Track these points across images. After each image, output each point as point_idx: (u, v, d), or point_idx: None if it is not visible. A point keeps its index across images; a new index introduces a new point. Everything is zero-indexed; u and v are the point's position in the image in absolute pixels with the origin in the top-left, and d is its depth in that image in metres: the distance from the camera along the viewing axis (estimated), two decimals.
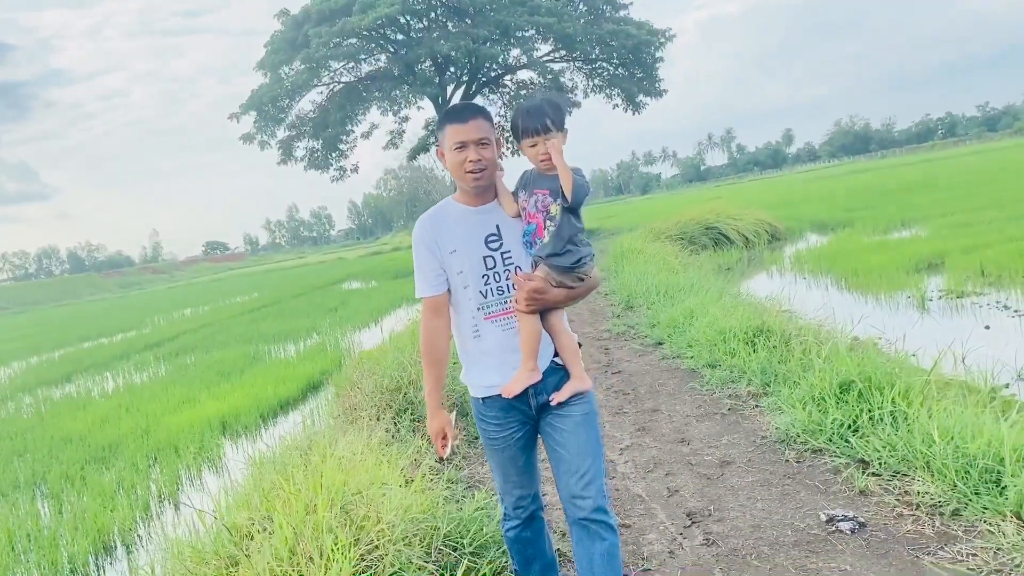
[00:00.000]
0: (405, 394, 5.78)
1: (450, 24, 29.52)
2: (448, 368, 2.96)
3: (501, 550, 3.41)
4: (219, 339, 17.40)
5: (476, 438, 5.70)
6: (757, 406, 5.62)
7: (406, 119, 33.32)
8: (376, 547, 2.89)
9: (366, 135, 33.03)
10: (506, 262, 2.64)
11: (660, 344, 8.43)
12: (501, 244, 2.65)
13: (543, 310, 2.60)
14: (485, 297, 2.64)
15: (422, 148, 35.67)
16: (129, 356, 17.57)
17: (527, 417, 2.73)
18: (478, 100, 32.64)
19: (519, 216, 2.66)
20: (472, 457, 5.39)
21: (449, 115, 2.65)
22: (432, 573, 3.03)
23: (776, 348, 6.50)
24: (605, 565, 2.61)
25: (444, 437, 2.77)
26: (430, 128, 33.88)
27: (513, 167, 2.80)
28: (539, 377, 2.64)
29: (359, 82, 30.19)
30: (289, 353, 13.73)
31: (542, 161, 2.57)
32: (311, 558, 2.66)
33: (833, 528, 3.59)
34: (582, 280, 2.63)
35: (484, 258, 2.63)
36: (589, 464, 2.65)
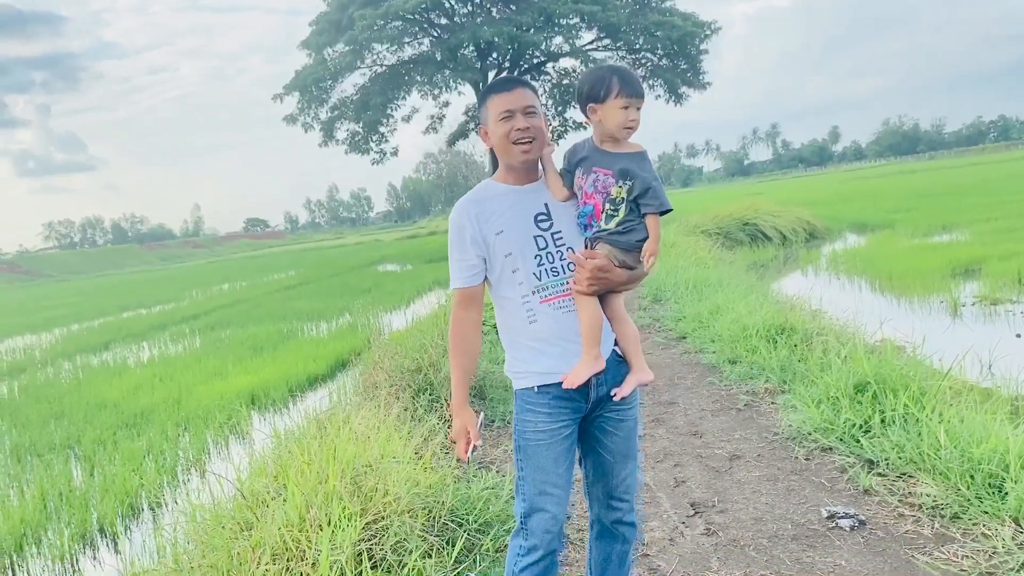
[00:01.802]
0: (425, 375, 5.92)
1: (494, 10, 29.55)
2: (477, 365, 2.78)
3: (505, 528, 3.52)
4: (254, 315, 17.69)
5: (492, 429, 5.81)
6: (773, 403, 5.66)
7: (447, 104, 33.50)
8: (382, 517, 3.01)
9: (406, 119, 33.26)
10: (557, 242, 2.44)
11: (683, 338, 8.47)
12: (551, 224, 2.45)
13: (604, 292, 2.42)
14: (539, 279, 2.43)
15: (461, 133, 35.81)
16: (166, 327, 17.97)
17: (578, 412, 2.49)
18: None
19: (568, 201, 2.47)
20: (486, 437, 5.51)
21: (492, 87, 2.50)
22: (433, 545, 3.15)
23: (797, 347, 6.52)
24: (619, 564, 2.63)
25: (468, 438, 2.54)
26: (470, 114, 33.98)
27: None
28: (603, 366, 2.42)
29: (401, 65, 30.38)
30: (321, 331, 13.96)
31: (627, 127, 2.36)
32: (320, 526, 2.78)
33: (833, 524, 3.65)
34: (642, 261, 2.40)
35: (535, 238, 2.43)
36: (631, 468, 2.58)
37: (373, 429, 3.94)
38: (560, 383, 2.41)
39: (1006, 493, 3.44)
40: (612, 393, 2.47)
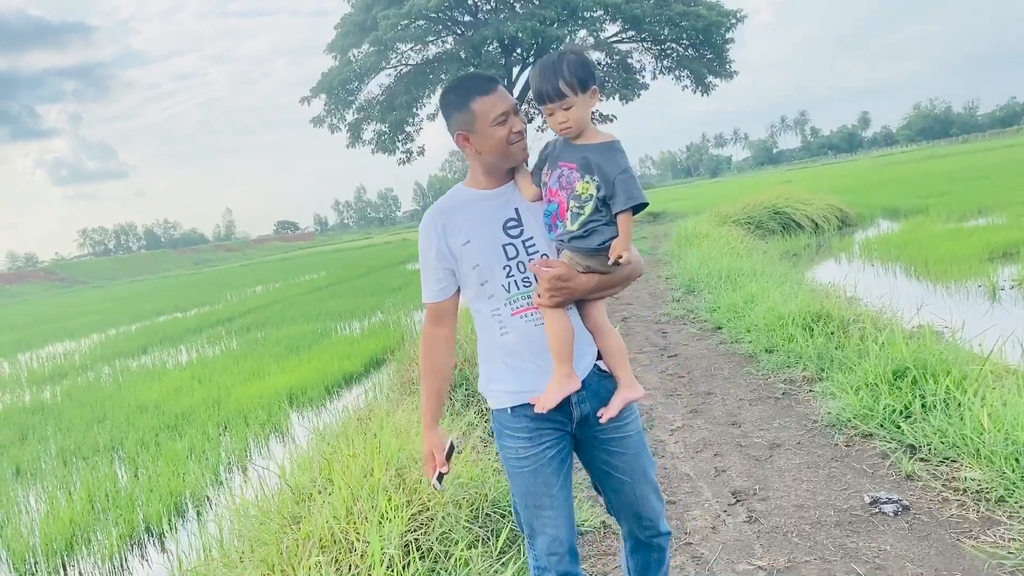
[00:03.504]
0: (460, 370, 5.98)
1: (517, 5, 29.57)
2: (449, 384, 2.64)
3: None
4: (288, 315, 17.90)
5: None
6: (811, 391, 5.63)
7: None
8: (427, 508, 3.06)
9: (431, 117, 33.39)
10: (529, 250, 2.28)
11: (719, 329, 8.44)
12: (522, 230, 2.29)
13: (573, 302, 2.25)
14: (508, 291, 2.27)
15: None
16: (202, 330, 18.24)
17: (563, 430, 2.32)
18: None
19: (538, 201, 2.31)
20: None
21: (468, 88, 2.28)
22: (478, 536, 3.19)
23: (834, 334, 6.47)
24: (658, 566, 2.54)
25: (434, 463, 2.42)
26: None
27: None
28: (577, 385, 2.24)
29: (426, 64, 30.51)
30: (354, 330, 14.10)
31: (562, 131, 2.21)
32: (367, 517, 2.83)
33: (876, 510, 3.63)
34: (617, 264, 2.19)
35: (504, 247, 2.27)
36: (652, 482, 2.43)
37: (414, 423, 3.99)
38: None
39: None
40: (599, 414, 2.29)
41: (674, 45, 32.61)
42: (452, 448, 2.43)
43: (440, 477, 2.39)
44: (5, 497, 6.76)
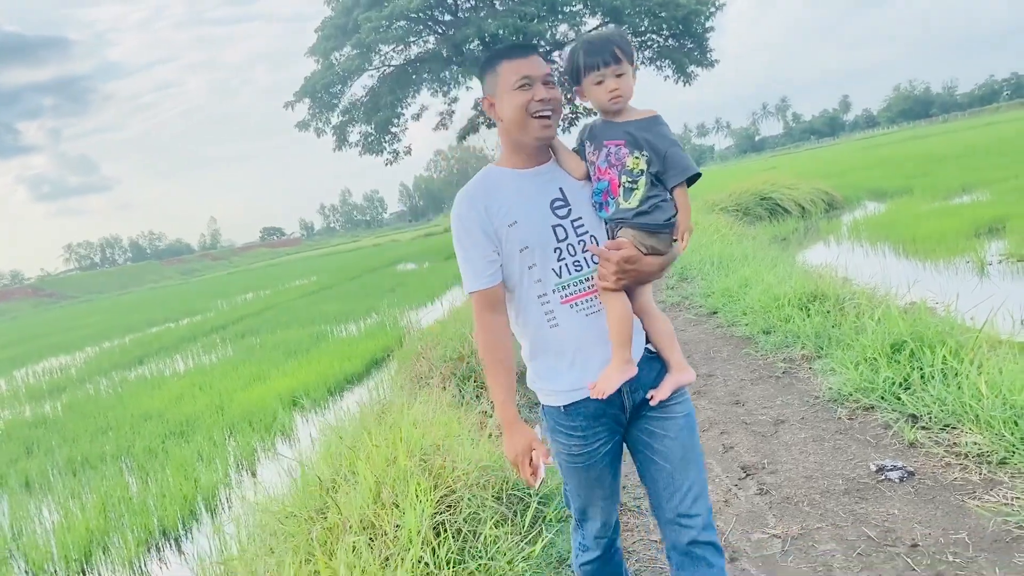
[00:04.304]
0: (468, 363, 6.08)
1: (497, 2, 29.60)
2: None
3: (560, 501, 3.65)
4: (282, 320, 17.91)
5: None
6: (811, 368, 5.75)
7: (455, 99, 33.62)
8: (453, 491, 3.16)
9: (416, 117, 33.40)
10: (578, 232, 2.15)
11: (714, 313, 8.56)
12: (570, 210, 2.16)
13: (634, 286, 2.14)
14: (560, 276, 2.13)
15: (472, 128, 35.90)
16: (196, 339, 18.24)
17: (618, 424, 2.21)
18: None
19: (588, 179, 2.20)
20: (534, 421, 5.64)
21: (501, 52, 2.18)
22: (504, 515, 3.28)
23: (830, 313, 6.59)
24: None
25: (532, 459, 2.18)
26: (479, 108, 34.12)
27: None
28: (635, 371, 2.13)
29: (408, 65, 30.51)
30: (351, 332, 14.14)
31: (612, 100, 2.13)
32: (395, 503, 2.92)
33: (882, 477, 3.75)
34: (674, 242, 2.13)
35: (554, 227, 2.13)
36: (695, 476, 2.20)
37: (430, 414, 4.09)
38: (589, 398, 2.13)
39: None
40: (648, 396, 2.18)
41: (654, 36, 32.71)
42: (544, 435, 2.30)
43: (533, 475, 2.19)
44: (19, 508, 6.80)
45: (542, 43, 29.33)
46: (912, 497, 3.51)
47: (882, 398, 4.67)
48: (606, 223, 2.17)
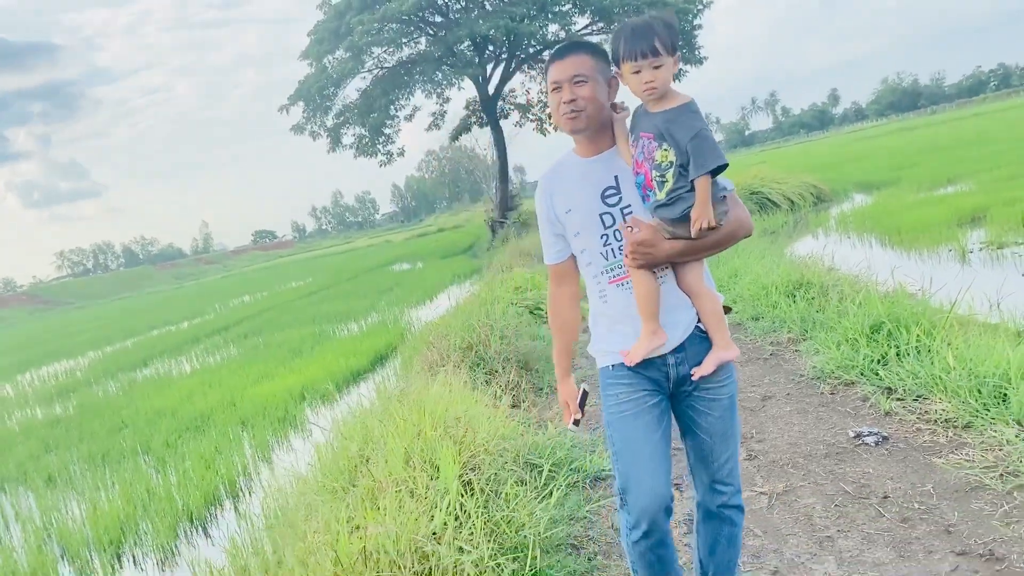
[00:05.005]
0: (476, 351, 6.46)
1: (487, 3, 29.94)
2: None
3: (573, 467, 4.04)
4: (283, 321, 18.18)
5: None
6: (796, 350, 6.15)
7: (447, 100, 33.96)
8: (474, 456, 3.52)
9: (408, 118, 33.71)
10: (627, 219, 2.33)
11: (732, 309, 8.92)
12: (620, 198, 2.34)
13: (661, 265, 2.31)
14: (607, 259, 2.36)
15: (464, 129, 36.23)
16: (199, 340, 18.51)
17: (660, 386, 2.40)
18: (518, 76, 33.13)
19: None
20: (540, 403, 6.02)
21: (553, 55, 2.39)
22: (521, 477, 3.66)
23: (815, 299, 6.99)
24: (728, 547, 2.57)
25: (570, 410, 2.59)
26: (471, 108, 34.46)
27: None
28: (663, 339, 2.31)
29: (400, 66, 30.82)
30: (352, 331, 14.44)
31: (646, 92, 2.18)
32: (429, 462, 3.27)
33: (860, 442, 4.14)
34: (712, 229, 2.19)
35: (601, 216, 2.35)
36: (733, 450, 2.49)
37: (446, 394, 4.45)
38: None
39: (1009, 400, 3.92)
40: (691, 372, 2.36)
41: None
42: (585, 395, 2.58)
43: (576, 422, 2.57)
44: (46, 500, 7.12)
45: (532, 43, 29.73)
46: (886, 458, 3.90)
47: (861, 374, 5.06)
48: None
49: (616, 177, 2.34)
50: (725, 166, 2.13)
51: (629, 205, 2.32)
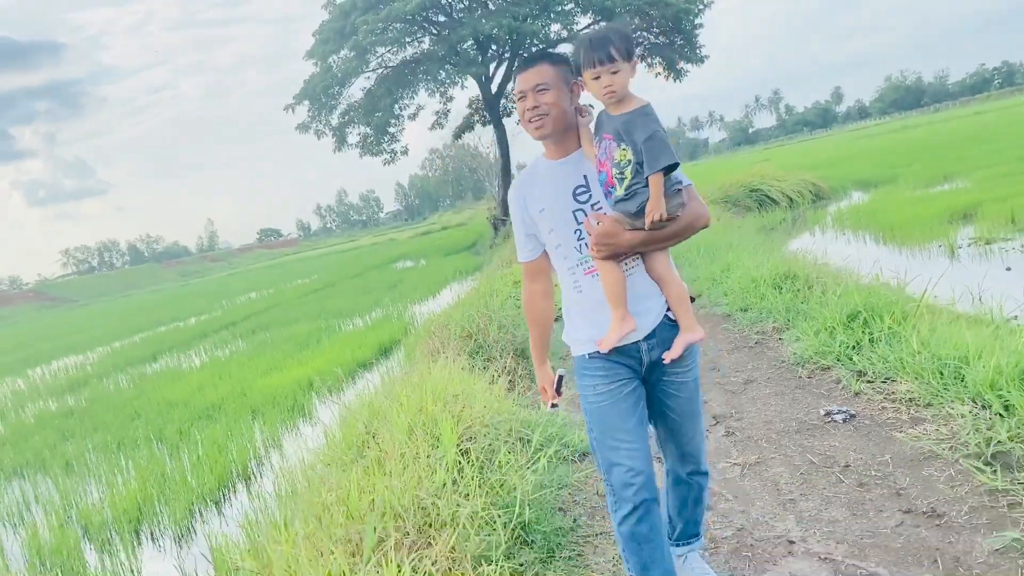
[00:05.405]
0: (475, 339, 6.81)
1: (491, 3, 30.23)
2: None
3: (563, 441, 4.37)
4: (289, 316, 18.50)
5: None
6: (780, 339, 6.47)
7: (451, 99, 34.26)
8: (471, 428, 3.86)
9: (412, 116, 34.01)
10: (591, 214, 2.53)
11: (699, 296, 9.24)
12: (590, 195, 2.52)
13: (624, 255, 2.47)
14: (580, 252, 2.54)
15: (467, 127, 36.54)
16: (207, 335, 18.83)
17: (634, 371, 2.57)
18: None
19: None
20: (534, 388, 6.34)
21: (516, 68, 2.57)
22: (512, 447, 3.99)
23: (800, 291, 7.30)
24: (695, 506, 2.86)
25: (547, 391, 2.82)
26: (474, 107, 34.81)
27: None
28: (633, 325, 2.47)
29: (404, 66, 31.13)
30: (358, 325, 14.75)
31: (606, 95, 2.38)
32: (427, 439, 3.60)
33: (829, 419, 4.47)
34: (668, 220, 2.38)
35: (574, 212, 2.53)
36: (698, 427, 2.72)
37: (445, 376, 4.78)
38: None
39: (966, 380, 4.23)
40: (663, 357, 2.52)
41: (645, 33, 33.31)
42: (561, 379, 2.81)
43: (554, 405, 2.83)
44: (65, 484, 7.46)
45: (535, 42, 29.99)
46: (852, 433, 4.23)
47: (837, 359, 5.38)
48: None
49: (585, 176, 2.53)
50: (676, 165, 2.34)
51: (599, 202, 2.50)
